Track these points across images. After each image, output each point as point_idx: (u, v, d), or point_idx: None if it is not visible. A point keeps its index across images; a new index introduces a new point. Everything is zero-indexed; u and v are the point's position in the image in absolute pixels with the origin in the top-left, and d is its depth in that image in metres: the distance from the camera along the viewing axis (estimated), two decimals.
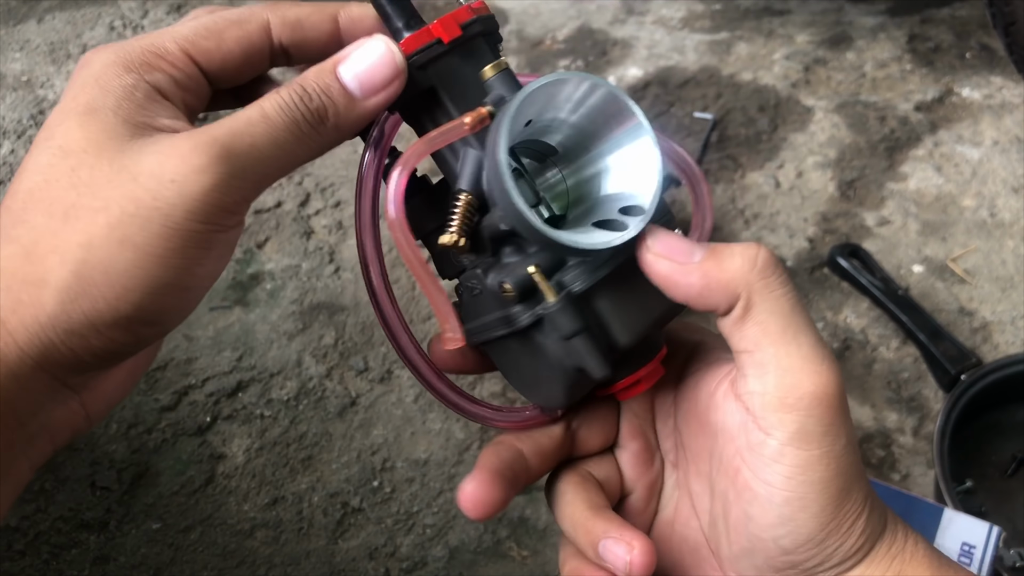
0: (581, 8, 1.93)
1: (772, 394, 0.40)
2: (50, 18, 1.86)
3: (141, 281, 0.36)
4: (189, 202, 0.36)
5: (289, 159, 0.39)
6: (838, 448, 0.40)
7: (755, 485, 0.41)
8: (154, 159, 0.37)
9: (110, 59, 0.40)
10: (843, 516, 0.41)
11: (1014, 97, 1.66)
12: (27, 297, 0.36)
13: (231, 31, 0.42)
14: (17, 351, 0.36)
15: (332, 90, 0.40)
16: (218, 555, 1.09)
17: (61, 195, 0.37)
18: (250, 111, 0.39)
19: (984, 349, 1.29)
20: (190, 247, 0.37)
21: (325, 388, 1.25)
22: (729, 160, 1.57)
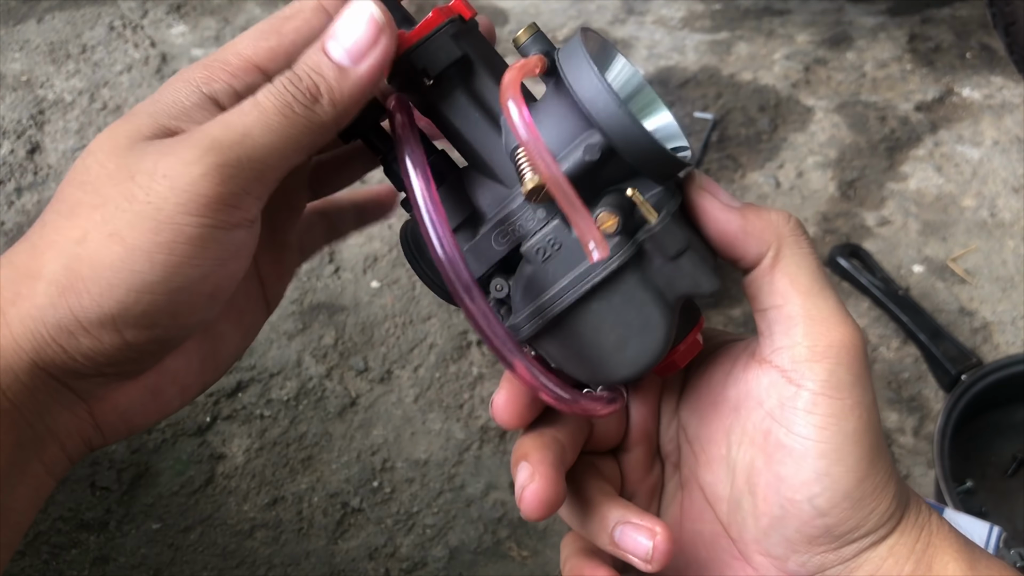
0: (581, 8, 1.93)
1: (802, 344, 0.41)
2: (50, 18, 1.86)
3: (125, 277, 0.35)
4: (179, 195, 0.35)
5: (288, 144, 0.38)
6: (868, 400, 0.41)
7: (789, 440, 0.41)
8: (152, 157, 0.36)
9: (186, 71, 0.39)
10: (877, 474, 0.41)
11: (1014, 97, 1.66)
12: (25, 290, 0.36)
13: (288, 24, 0.40)
14: (13, 343, 0.36)
15: (322, 65, 0.39)
16: (218, 555, 1.09)
17: (70, 193, 0.37)
18: (244, 103, 0.38)
19: (984, 349, 1.29)
20: (179, 243, 0.35)
21: (325, 388, 1.25)
22: (729, 160, 1.57)
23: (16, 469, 0.37)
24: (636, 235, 0.41)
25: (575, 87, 0.40)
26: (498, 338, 0.39)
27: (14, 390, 0.36)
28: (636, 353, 0.43)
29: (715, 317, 1.33)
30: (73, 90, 1.69)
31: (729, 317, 1.33)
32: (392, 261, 1.41)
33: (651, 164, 0.40)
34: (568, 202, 0.38)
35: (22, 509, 0.38)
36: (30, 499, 0.38)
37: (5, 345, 0.36)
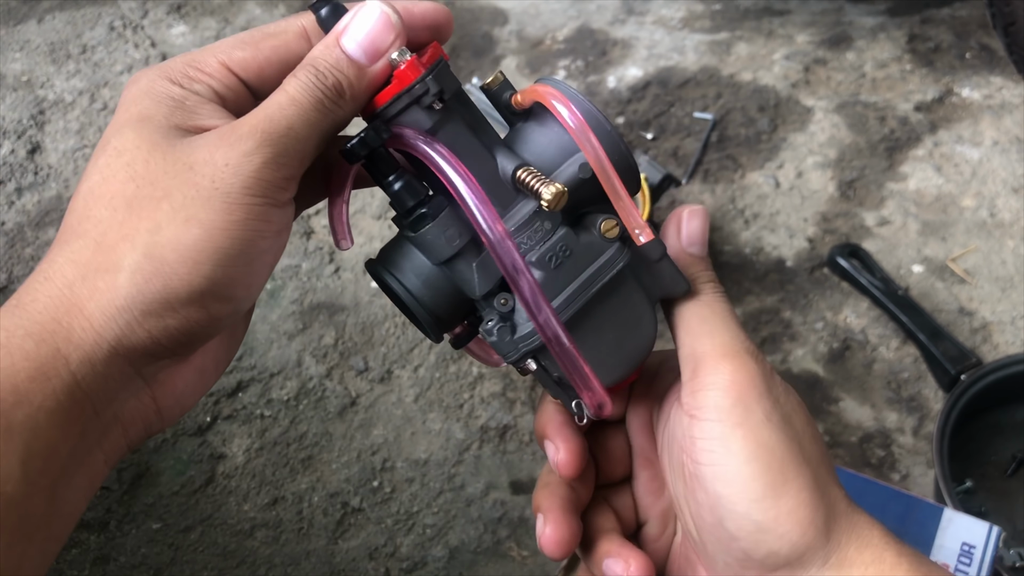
0: (581, 8, 1.93)
1: (691, 380, 0.46)
2: (50, 18, 1.86)
3: (210, 254, 0.39)
4: (244, 180, 0.39)
5: (321, 134, 0.42)
6: (753, 421, 0.43)
7: (693, 470, 0.45)
8: (205, 150, 0.40)
9: (155, 75, 0.43)
10: (781, 498, 0.42)
11: (1014, 97, 1.66)
12: (103, 284, 0.38)
13: (267, 41, 0.44)
14: (94, 336, 0.38)
15: (342, 64, 0.42)
16: (218, 555, 1.09)
17: (120, 189, 0.40)
18: (278, 97, 0.41)
19: (984, 349, 1.29)
20: (251, 219, 0.40)
21: (325, 388, 1.25)
22: (729, 160, 1.57)
23: (76, 460, 0.39)
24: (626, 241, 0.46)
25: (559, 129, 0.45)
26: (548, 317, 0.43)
27: (88, 380, 0.38)
28: (632, 349, 0.47)
29: None
30: (73, 90, 1.69)
31: None
32: None
33: (630, 180, 0.46)
34: (614, 191, 0.44)
35: (77, 500, 0.40)
36: (85, 490, 0.40)
37: (87, 338, 0.38)
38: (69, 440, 0.38)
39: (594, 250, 0.45)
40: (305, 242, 1.43)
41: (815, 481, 0.43)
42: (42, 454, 0.37)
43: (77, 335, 0.38)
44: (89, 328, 0.38)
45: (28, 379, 0.37)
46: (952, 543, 0.83)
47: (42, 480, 0.37)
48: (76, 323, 0.38)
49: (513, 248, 0.42)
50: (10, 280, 1.39)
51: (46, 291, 0.39)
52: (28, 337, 0.37)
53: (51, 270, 0.39)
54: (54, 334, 0.38)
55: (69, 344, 0.38)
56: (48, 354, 0.37)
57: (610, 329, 0.47)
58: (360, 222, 1.47)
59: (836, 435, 1.21)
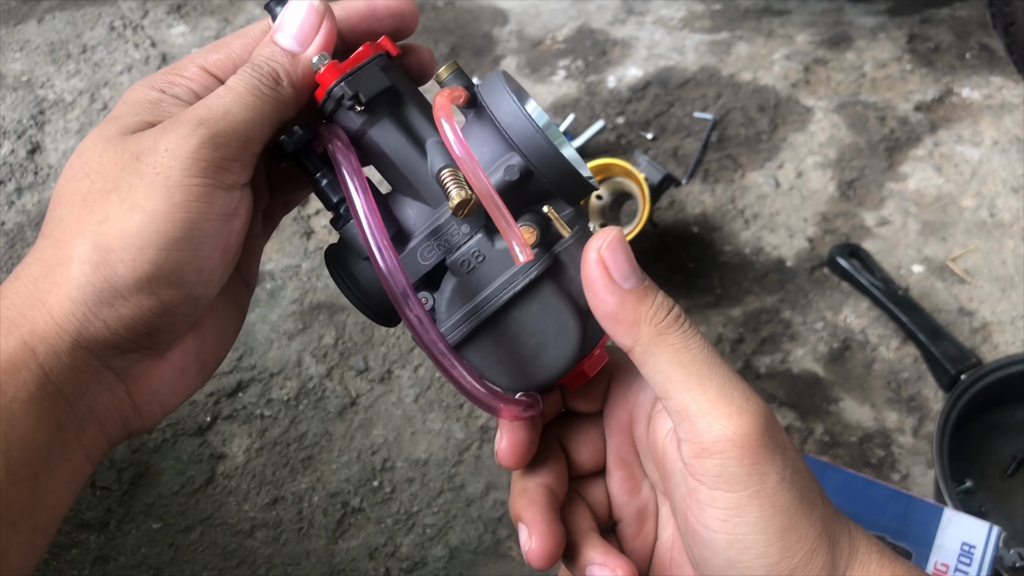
0: (581, 8, 1.93)
1: (691, 441, 0.42)
2: (50, 18, 1.86)
3: (152, 238, 0.40)
4: (182, 161, 0.40)
5: (262, 119, 0.44)
6: (769, 487, 0.41)
7: (699, 530, 0.43)
8: (150, 139, 0.42)
9: (142, 85, 0.45)
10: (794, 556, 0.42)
11: (1014, 97, 1.66)
12: (59, 278, 0.40)
13: (237, 41, 0.47)
14: (56, 328, 0.40)
15: (276, 54, 0.45)
16: (218, 555, 1.09)
17: (77, 186, 0.42)
18: (218, 89, 0.44)
19: (984, 349, 1.29)
20: (191, 200, 0.40)
21: (325, 388, 1.25)
22: (729, 160, 1.57)
23: (56, 451, 0.40)
24: (552, 248, 0.45)
25: (497, 114, 0.44)
26: (432, 341, 0.43)
27: (56, 371, 0.39)
28: (553, 358, 0.47)
29: (714, 317, 1.33)
30: (73, 90, 1.69)
31: (729, 317, 1.33)
32: None
33: (564, 185, 0.45)
34: (496, 210, 0.43)
35: (60, 492, 0.41)
36: (68, 483, 0.41)
37: (49, 330, 0.39)
38: (45, 431, 0.39)
39: (503, 261, 0.45)
40: (305, 242, 1.43)
41: (823, 524, 0.43)
42: (21, 444, 0.38)
43: (40, 327, 0.39)
44: (51, 321, 0.40)
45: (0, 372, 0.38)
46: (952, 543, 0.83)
47: (23, 470, 0.38)
48: (39, 316, 0.40)
49: (399, 271, 0.43)
50: None
51: (14, 288, 0.40)
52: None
53: (21, 269, 0.41)
54: (19, 327, 0.39)
55: (34, 336, 0.39)
56: (15, 346, 0.39)
57: (529, 336, 0.46)
58: None
59: (836, 435, 1.21)
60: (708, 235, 1.44)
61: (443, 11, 1.92)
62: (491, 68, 1.77)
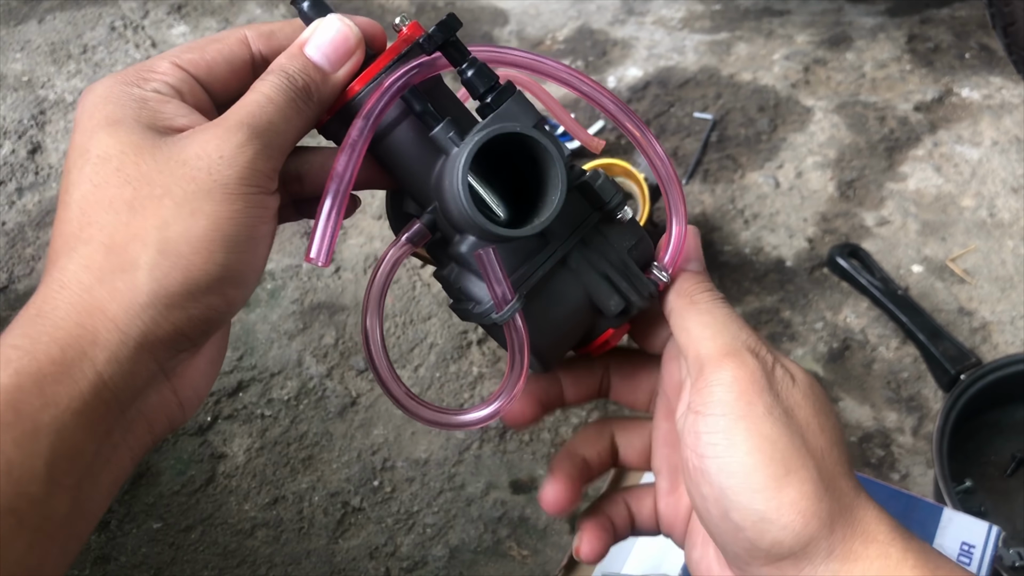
0: (581, 8, 1.93)
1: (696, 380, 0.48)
2: (51, 18, 1.86)
3: (220, 242, 0.41)
4: (239, 171, 0.42)
5: (295, 131, 0.46)
6: (756, 413, 0.45)
7: (696, 462, 0.46)
8: (197, 145, 0.42)
9: (109, 82, 0.45)
10: (782, 489, 0.43)
11: (1013, 97, 1.67)
12: (121, 284, 0.40)
13: (212, 45, 0.47)
14: (119, 335, 0.40)
15: (308, 69, 0.46)
16: (219, 554, 1.09)
17: (117, 193, 0.41)
18: (254, 96, 0.44)
19: (983, 349, 1.29)
20: (250, 207, 0.42)
21: (325, 388, 1.25)
22: (729, 160, 1.58)
23: (102, 457, 0.40)
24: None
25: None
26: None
27: (115, 379, 0.39)
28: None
29: None
30: (74, 90, 1.69)
31: None
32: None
33: None
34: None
35: (101, 498, 0.41)
36: (111, 487, 0.41)
37: (112, 338, 0.39)
38: (95, 440, 0.39)
39: None
40: (305, 242, 1.43)
41: (819, 473, 0.44)
42: (68, 455, 0.38)
43: (103, 336, 0.39)
44: (114, 328, 0.39)
45: (54, 382, 0.38)
46: (952, 543, 0.83)
47: (67, 480, 0.38)
48: (100, 325, 0.39)
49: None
50: (11, 280, 1.39)
51: (65, 298, 0.40)
52: (53, 343, 0.38)
53: (64, 278, 0.40)
54: (79, 338, 0.39)
55: (95, 347, 0.39)
56: (74, 357, 0.38)
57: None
58: (360, 222, 1.47)
59: None
60: (708, 235, 1.45)
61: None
62: None
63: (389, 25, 0.50)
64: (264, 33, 0.48)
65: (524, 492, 1.15)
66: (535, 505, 1.14)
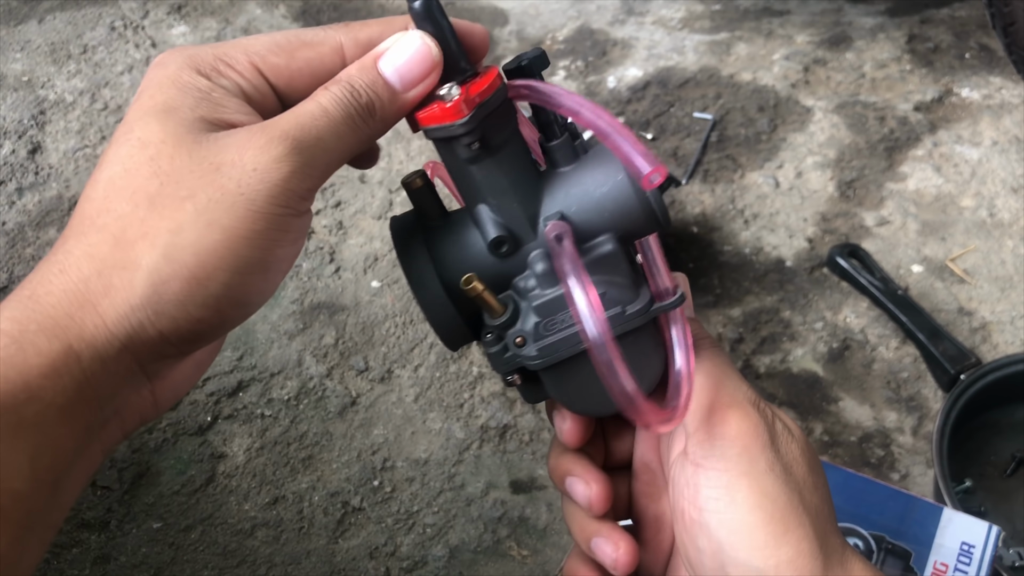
0: (581, 8, 1.93)
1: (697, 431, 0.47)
2: (51, 18, 1.86)
3: (229, 261, 0.39)
4: (270, 188, 0.39)
5: (347, 149, 0.42)
6: (758, 469, 0.45)
7: (694, 515, 0.46)
8: (234, 151, 0.39)
9: (184, 62, 0.42)
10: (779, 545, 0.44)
11: (1013, 97, 1.67)
12: (118, 281, 0.38)
13: (303, 51, 0.44)
14: (106, 333, 0.38)
15: (377, 85, 0.43)
16: (219, 554, 1.09)
17: (143, 184, 0.39)
18: (309, 106, 0.41)
19: (983, 349, 1.29)
20: (271, 229, 0.39)
21: (325, 388, 1.25)
22: (729, 160, 1.58)
23: (78, 454, 0.39)
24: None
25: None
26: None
27: (98, 377, 0.38)
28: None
29: (714, 317, 1.33)
30: (74, 90, 1.69)
31: (728, 317, 1.34)
32: (392, 261, 1.41)
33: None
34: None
35: (75, 490, 0.40)
36: (83, 480, 0.41)
37: (98, 335, 0.38)
38: (75, 436, 0.38)
39: None
40: (305, 242, 1.43)
41: (814, 531, 0.45)
42: (50, 450, 0.37)
43: (89, 331, 0.38)
44: (102, 325, 0.38)
45: (40, 375, 0.37)
46: (951, 542, 0.83)
47: (47, 475, 0.37)
48: (89, 319, 0.38)
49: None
50: (11, 280, 1.39)
51: (61, 284, 0.38)
52: (41, 332, 0.37)
53: (67, 262, 0.39)
54: (67, 330, 0.38)
55: (81, 341, 0.38)
56: (60, 350, 0.37)
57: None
58: (360, 222, 1.47)
59: (836, 435, 1.21)
60: (708, 235, 1.45)
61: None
62: None
63: None
64: (362, 43, 0.45)
65: (524, 492, 1.15)
66: (535, 505, 1.14)
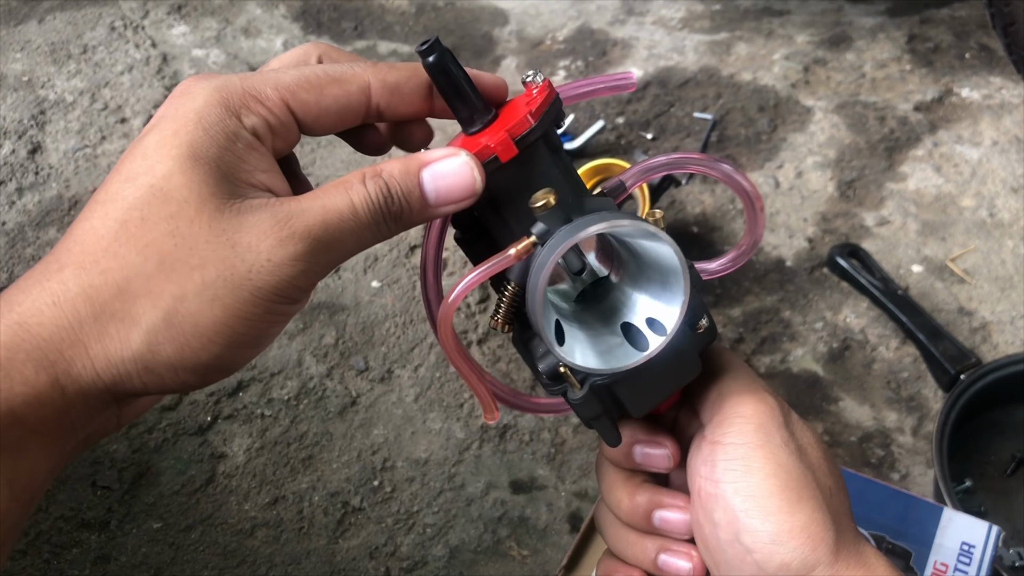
0: (581, 8, 1.93)
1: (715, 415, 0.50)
2: (51, 18, 1.86)
3: (225, 337, 0.40)
4: (279, 281, 0.40)
5: (362, 248, 0.43)
6: (774, 443, 0.47)
7: (711, 489, 0.48)
8: (253, 234, 0.40)
9: (212, 96, 0.42)
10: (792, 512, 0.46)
11: (1013, 97, 1.67)
12: (115, 331, 0.40)
13: (332, 88, 0.44)
14: (93, 375, 0.40)
15: (413, 195, 0.43)
16: (219, 554, 1.09)
17: (158, 240, 0.40)
18: (340, 203, 0.41)
19: (983, 349, 1.29)
20: (270, 314, 0.41)
21: (325, 388, 1.25)
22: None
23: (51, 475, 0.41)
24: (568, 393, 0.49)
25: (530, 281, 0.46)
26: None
27: (78, 411, 0.40)
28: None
29: (715, 317, 1.33)
30: (74, 90, 1.69)
31: (728, 317, 1.34)
32: (392, 261, 1.41)
33: None
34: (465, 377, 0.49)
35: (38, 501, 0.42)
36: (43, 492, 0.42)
37: (85, 376, 0.40)
38: (50, 460, 0.40)
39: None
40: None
41: (827, 505, 0.47)
42: (27, 473, 0.39)
43: (77, 371, 0.39)
44: (90, 367, 0.40)
45: (24, 403, 0.38)
46: (952, 542, 0.83)
47: (24, 496, 0.39)
48: (78, 359, 0.39)
49: None
50: (11, 280, 1.39)
51: (54, 319, 0.39)
52: (29, 362, 0.38)
53: (63, 296, 0.39)
54: (55, 364, 0.39)
55: (68, 377, 0.39)
56: (46, 382, 0.39)
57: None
58: None
59: (836, 435, 1.21)
60: (708, 235, 1.45)
61: (443, 11, 1.93)
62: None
63: None
64: (390, 86, 0.45)
65: (524, 492, 1.15)
66: (535, 505, 1.14)
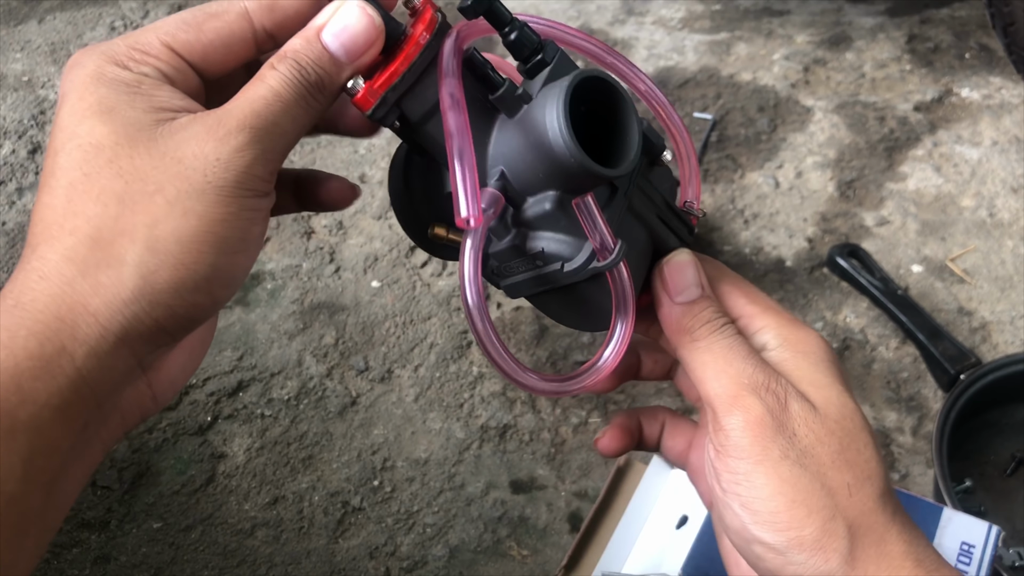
0: (581, 8, 1.93)
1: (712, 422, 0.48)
2: (51, 18, 1.86)
3: (211, 243, 0.40)
4: (236, 175, 0.40)
5: (301, 128, 0.43)
6: (772, 457, 0.46)
7: (720, 495, 0.48)
8: (194, 144, 0.40)
9: (101, 59, 0.42)
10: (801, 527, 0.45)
11: (1013, 97, 1.67)
12: (106, 279, 0.39)
13: (210, 23, 0.44)
14: (100, 330, 0.39)
15: (323, 60, 0.43)
16: (219, 554, 1.09)
17: (108, 184, 0.40)
18: (261, 90, 0.42)
19: (983, 349, 1.29)
20: (244, 210, 0.41)
21: (325, 388, 1.25)
22: (729, 160, 1.58)
23: (76, 451, 0.40)
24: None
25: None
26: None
27: (94, 374, 0.39)
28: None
29: None
30: None
31: None
32: (392, 261, 1.41)
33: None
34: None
35: (73, 490, 0.41)
36: (82, 479, 0.41)
37: (92, 333, 0.39)
38: (71, 436, 0.39)
39: None
40: (305, 242, 1.43)
41: (840, 511, 0.45)
42: (44, 452, 0.37)
43: (82, 331, 0.38)
44: (95, 323, 0.39)
45: (32, 378, 0.37)
46: (951, 542, 0.83)
47: (42, 476, 0.37)
48: (80, 319, 0.38)
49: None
50: None
51: (45, 290, 0.39)
52: (31, 336, 0.38)
53: (46, 268, 0.39)
54: (58, 332, 0.38)
55: (74, 341, 0.38)
56: (53, 352, 0.38)
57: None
58: (360, 222, 1.47)
59: None
60: (708, 235, 1.45)
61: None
62: None
63: None
64: (266, 4, 0.44)
65: (524, 492, 1.15)
66: (535, 505, 1.14)
